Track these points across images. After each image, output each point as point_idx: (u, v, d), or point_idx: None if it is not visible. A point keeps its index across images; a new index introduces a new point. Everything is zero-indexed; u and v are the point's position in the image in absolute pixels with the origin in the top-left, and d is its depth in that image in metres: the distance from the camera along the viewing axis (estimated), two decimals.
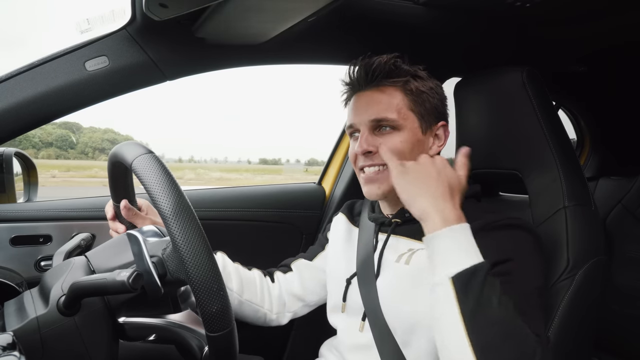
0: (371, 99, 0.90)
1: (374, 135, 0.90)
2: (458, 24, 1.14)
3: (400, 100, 0.89)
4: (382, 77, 0.90)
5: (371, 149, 0.89)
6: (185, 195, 0.63)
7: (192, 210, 0.62)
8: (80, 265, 0.74)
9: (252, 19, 0.94)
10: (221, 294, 0.60)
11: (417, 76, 0.92)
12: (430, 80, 0.94)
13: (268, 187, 1.59)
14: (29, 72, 0.95)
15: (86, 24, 0.96)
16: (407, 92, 0.90)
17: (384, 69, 0.90)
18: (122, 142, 0.74)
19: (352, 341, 0.94)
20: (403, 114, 0.89)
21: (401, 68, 0.91)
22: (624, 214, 1.41)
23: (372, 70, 0.90)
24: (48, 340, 0.65)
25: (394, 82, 0.90)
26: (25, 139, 5.23)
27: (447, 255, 0.70)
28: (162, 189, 0.61)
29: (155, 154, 0.66)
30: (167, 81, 1.07)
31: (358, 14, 1.06)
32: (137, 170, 0.64)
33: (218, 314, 0.60)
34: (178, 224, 0.59)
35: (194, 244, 0.59)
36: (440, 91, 0.94)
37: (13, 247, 1.13)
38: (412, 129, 0.90)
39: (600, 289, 0.90)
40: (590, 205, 0.93)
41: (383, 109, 0.89)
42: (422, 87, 0.91)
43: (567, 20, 1.14)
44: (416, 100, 0.90)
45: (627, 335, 1.36)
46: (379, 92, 0.90)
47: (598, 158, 2.02)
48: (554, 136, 0.95)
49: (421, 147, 0.91)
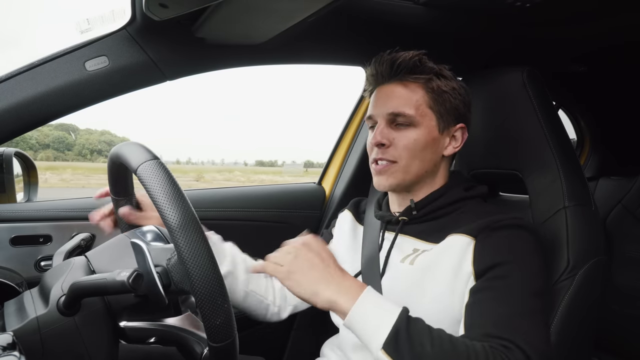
0: (392, 93, 0.91)
1: (390, 129, 0.90)
2: (458, 24, 1.14)
3: (420, 97, 0.89)
4: (406, 72, 0.90)
5: (384, 141, 0.89)
6: (191, 206, 0.62)
7: (199, 223, 0.62)
8: (80, 265, 0.74)
9: (252, 19, 0.94)
10: (225, 306, 0.61)
11: (442, 75, 0.91)
12: (455, 81, 0.93)
13: (268, 187, 1.59)
14: (29, 72, 0.95)
15: (86, 24, 0.96)
16: (429, 89, 0.90)
17: (409, 64, 0.90)
18: (125, 142, 0.73)
19: (355, 340, 0.94)
20: (421, 110, 0.89)
21: (425, 65, 0.90)
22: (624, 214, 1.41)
23: (397, 64, 0.90)
24: (48, 340, 0.65)
25: (416, 79, 0.90)
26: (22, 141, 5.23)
27: (368, 330, 0.70)
28: (169, 200, 0.60)
29: (160, 161, 0.66)
30: (167, 81, 1.07)
31: (358, 14, 1.06)
32: (143, 177, 0.63)
33: (221, 326, 0.61)
34: (185, 237, 0.59)
35: (200, 258, 0.59)
36: (464, 93, 0.94)
37: (13, 247, 1.13)
38: (429, 127, 0.90)
39: (600, 289, 0.90)
40: (591, 206, 0.93)
41: (402, 104, 0.89)
42: (444, 86, 0.90)
43: (567, 21, 1.14)
44: (437, 98, 0.90)
45: (627, 335, 1.35)
46: (401, 86, 0.90)
47: (598, 158, 2.02)
48: (554, 136, 0.95)
49: (435, 146, 0.91)
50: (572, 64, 1.60)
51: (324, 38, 1.15)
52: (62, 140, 12.32)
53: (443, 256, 0.82)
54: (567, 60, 1.54)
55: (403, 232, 0.93)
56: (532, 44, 1.28)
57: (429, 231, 0.89)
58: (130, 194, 0.90)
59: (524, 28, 1.17)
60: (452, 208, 0.90)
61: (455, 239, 0.82)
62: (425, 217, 0.92)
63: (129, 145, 0.71)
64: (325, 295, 0.72)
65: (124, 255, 0.75)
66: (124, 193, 0.89)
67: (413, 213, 0.92)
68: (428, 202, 0.92)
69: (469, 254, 0.79)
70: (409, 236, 0.91)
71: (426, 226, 0.91)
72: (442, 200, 0.91)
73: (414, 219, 0.92)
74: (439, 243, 0.85)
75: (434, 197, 0.92)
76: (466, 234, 0.82)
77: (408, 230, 0.92)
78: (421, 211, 0.92)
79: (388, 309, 0.71)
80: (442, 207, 0.91)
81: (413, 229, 0.92)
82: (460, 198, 0.91)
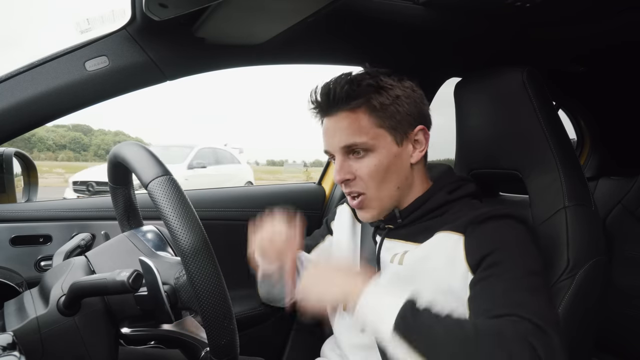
0: (337, 125, 0.87)
1: (349, 161, 0.88)
2: (458, 24, 1.14)
3: (366, 121, 0.85)
4: (343, 102, 0.85)
5: (348, 176, 0.87)
6: (202, 228, 0.63)
7: (210, 247, 0.62)
8: (80, 265, 0.74)
9: (252, 19, 0.94)
10: (231, 327, 0.63)
11: (381, 88, 0.86)
12: (398, 86, 0.88)
13: (268, 187, 1.59)
14: (29, 72, 0.95)
15: (86, 24, 0.96)
16: (372, 109, 0.86)
17: (342, 94, 0.85)
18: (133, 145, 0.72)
19: (353, 341, 0.94)
20: (372, 133, 0.85)
21: (361, 86, 0.85)
22: (624, 214, 1.42)
23: (331, 97, 0.86)
24: (48, 340, 0.65)
25: (355, 105, 0.85)
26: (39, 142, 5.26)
27: (377, 314, 0.70)
28: (181, 223, 0.61)
29: (172, 177, 0.66)
30: (167, 81, 1.07)
31: (358, 14, 1.06)
32: (154, 194, 0.63)
33: (226, 345, 0.63)
34: (196, 263, 0.60)
35: (210, 283, 0.60)
36: (412, 94, 0.89)
37: (13, 247, 1.13)
38: (386, 146, 0.86)
39: (600, 289, 0.90)
40: (591, 206, 0.93)
41: (351, 134, 0.85)
42: (386, 100, 0.86)
43: (567, 21, 1.14)
44: (382, 115, 0.86)
45: (627, 335, 1.36)
46: (344, 116, 0.86)
47: (598, 158, 2.02)
48: (554, 136, 0.95)
49: (399, 161, 0.88)
50: (571, 64, 1.60)
51: (324, 38, 1.15)
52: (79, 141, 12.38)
53: (432, 253, 0.82)
54: (567, 60, 1.54)
55: (392, 236, 0.93)
56: (532, 44, 1.28)
57: (416, 232, 0.89)
58: (129, 182, 0.88)
59: (523, 28, 1.17)
60: (438, 212, 0.89)
61: (443, 236, 0.82)
62: (411, 224, 0.91)
63: (139, 153, 0.69)
64: (334, 295, 0.75)
65: (124, 255, 0.75)
66: (123, 182, 0.88)
67: (398, 221, 0.91)
68: (412, 210, 0.90)
69: (460, 250, 0.79)
70: (396, 239, 0.92)
71: (413, 229, 0.90)
72: (426, 206, 0.90)
73: (400, 226, 0.92)
74: (426, 242, 0.85)
75: (417, 205, 0.90)
76: (454, 230, 0.81)
77: (396, 235, 0.92)
78: (406, 219, 0.91)
79: (395, 294, 0.71)
80: (426, 213, 0.89)
81: (400, 233, 0.92)
82: (445, 202, 0.89)
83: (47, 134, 9.47)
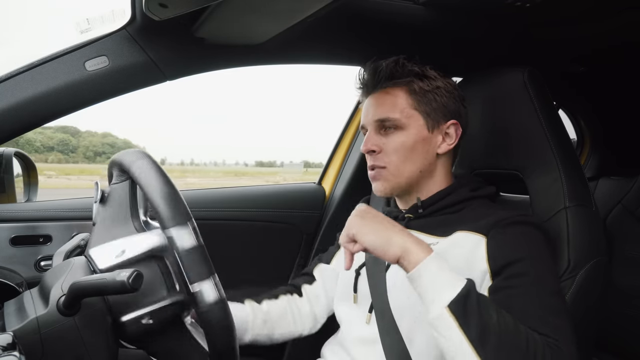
0: (377, 101, 0.94)
1: (380, 135, 0.93)
2: (458, 24, 1.14)
3: (404, 100, 0.92)
4: (386, 80, 0.93)
5: (374, 148, 0.92)
6: (220, 286, 0.64)
7: (227, 303, 0.64)
8: (80, 265, 0.74)
9: (252, 19, 0.94)
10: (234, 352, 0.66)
11: (424, 76, 0.93)
12: (441, 79, 0.95)
13: (268, 187, 1.59)
14: (29, 72, 0.95)
15: (86, 24, 0.96)
16: (411, 91, 0.92)
17: (386, 72, 0.93)
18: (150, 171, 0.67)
19: (357, 334, 0.94)
20: (406, 112, 0.91)
21: (405, 69, 0.93)
22: (624, 214, 1.41)
23: (377, 74, 0.94)
24: (48, 340, 0.65)
25: (396, 84, 0.93)
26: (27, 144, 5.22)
27: (437, 284, 0.70)
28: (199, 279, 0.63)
29: (195, 224, 0.66)
30: (167, 81, 1.07)
31: (358, 14, 1.06)
32: (175, 241, 0.64)
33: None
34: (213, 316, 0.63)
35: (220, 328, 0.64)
36: (453, 90, 0.95)
37: (13, 247, 1.13)
38: (417, 127, 0.92)
39: (601, 290, 0.90)
40: (591, 206, 0.93)
41: (387, 110, 0.92)
42: (426, 86, 0.93)
43: (567, 20, 1.14)
44: (420, 99, 0.92)
45: (627, 335, 1.35)
46: (385, 93, 0.93)
47: (598, 158, 2.02)
48: (555, 136, 0.95)
49: (427, 145, 0.92)
50: (572, 64, 1.60)
51: (324, 38, 1.15)
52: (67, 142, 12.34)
53: (451, 252, 0.82)
54: (567, 60, 1.54)
55: (410, 227, 0.93)
56: (532, 44, 1.28)
57: (434, 225, 0.91)
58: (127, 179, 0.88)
59: (524, 28, 1.17)
60: (458, 207, 0.92)
61: (464, 236, 0.83)
62: (430, 215, 0.93)
63: (160, 188, 0.65)
64: (398, 242, 0.74)
65: None
66: None
67: (419, 211, 0.93)
68: (435, 201, 0.93)
69: (482, 251, 0.80)
70: (414, 230, 0.92)
71: (431, 221, 0.92)
72: (449, 199, 0.93)
73: (419, 217, 0.94)
74: (445, 237, 0.86)
75: (440, 196, 0.93)
76: (475, 231, 0.82)
77: (415, 225, 0.93)
78: (427, 209, 0.93)
79: (453, 271, 0.72)
80: (448, 206, 0.92)
81: (417, 224, 0.93)
82: (467, 197, 0.92)
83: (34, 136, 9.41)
